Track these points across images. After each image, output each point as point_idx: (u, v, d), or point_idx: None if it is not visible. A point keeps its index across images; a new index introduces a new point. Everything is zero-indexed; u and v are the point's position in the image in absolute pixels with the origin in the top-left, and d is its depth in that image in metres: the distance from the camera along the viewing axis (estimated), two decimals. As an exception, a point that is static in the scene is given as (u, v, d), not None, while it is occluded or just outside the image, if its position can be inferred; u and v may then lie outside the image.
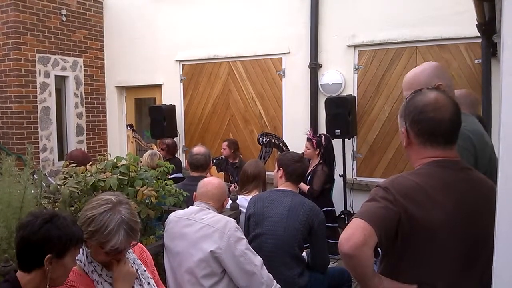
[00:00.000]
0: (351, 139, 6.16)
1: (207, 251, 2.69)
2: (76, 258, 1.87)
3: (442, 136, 1.66)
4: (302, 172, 3.52)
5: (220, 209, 3.07)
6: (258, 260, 2.80)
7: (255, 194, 3.74)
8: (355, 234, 1.51)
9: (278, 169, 3.49)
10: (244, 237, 2.83)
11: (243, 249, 2.73)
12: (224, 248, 2.69)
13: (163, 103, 7.52)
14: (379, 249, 1.69)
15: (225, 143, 6.41)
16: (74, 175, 2.98)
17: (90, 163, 3.29)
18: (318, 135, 5.66)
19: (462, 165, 1.72)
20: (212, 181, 3.12)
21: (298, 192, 3.53)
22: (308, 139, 5.46)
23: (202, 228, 2.79)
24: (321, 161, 5.38)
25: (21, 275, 1.76)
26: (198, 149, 4.08)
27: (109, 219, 1.92)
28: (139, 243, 2.33)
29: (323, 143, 5.41)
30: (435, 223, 1.58)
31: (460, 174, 1.68)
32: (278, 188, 3.49)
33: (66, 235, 1.74)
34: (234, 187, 5.13)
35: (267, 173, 4.32)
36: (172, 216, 2.99)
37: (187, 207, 3.29)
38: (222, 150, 6.38)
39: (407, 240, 1.59)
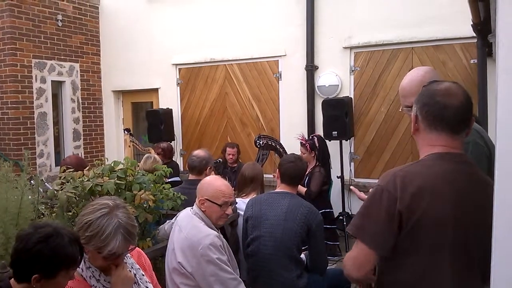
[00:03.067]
0: (348, 140, 6.17)
1: (177, 261, 2.66)
2: None
3: (446, 122, 1.66)
4: (294, 172, 3.41)
5: (205, 204, 2.81)
6: (231, 280, 2.66)
7: (253, 196, 3.74)
8: (364, 266, 1.64)
9: (278, 170, 3.50)
10: (218, 255, 2.64)
11: (214, 270, 2.60)
12: (196, 266, 2.62)
13: (160, 107, 7.52)
14: None
15: (234, 149, 6.27)
16: (71, 180, 2.98)
17: (87, 167, 3.28)
18: (310, 137, 5.67)
19: (465, 158, 1.71)
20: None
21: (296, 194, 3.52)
22: (301, 144, 5.47)
23: (181, 239, 2.72)
24: (318, 163, 5.39)
25: (13, 283, 1.76)
26: (197, 152, 4.07)
27: (106, 224, 1.91)
28: (137, 248, 2.33)
29: (317, 145, 5.43)
30: (432, 215, 1.59)
31: (466, 168, 1.67)
32: (275, 190, 3.49)
33: (58, 258, 1.72)
34: None
35: (265, 175, 4.32)
36: (175, 217, 2.97)
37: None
38: (230, 156, 6.28)
39: (406, 232, 1.61)
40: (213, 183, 2.89)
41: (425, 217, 1.59)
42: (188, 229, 2.73)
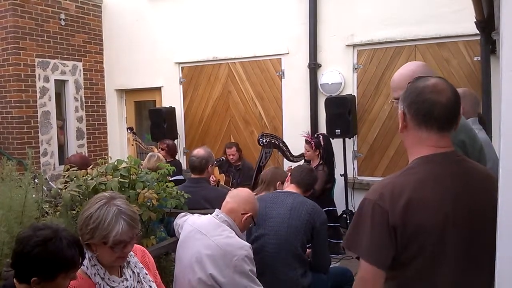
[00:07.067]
0: (352, 138, 6.16)
1: (207, 273, 2.55)
2: None
3: (436, 119, 1.61)
4: (305, 177, 3.51)
5: (247, 219, 2.82)
6: None
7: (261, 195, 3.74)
8: (373, 284, 1.58)
9: (290, 174, 3.62)
10: (251, 267, 2.62)
11: (247, 282, 2.56)
12: (228, 277, 2.54)
13: (163, 106, 7.54)
14: None
15: (233, 149, 6.25)
16: (75, 178, 2.99)
17: (91, 166, 3.29)
18: (316, 135, 5.66)
19: (456, 157, 1.67)
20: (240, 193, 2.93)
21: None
22: (307, 141, 5.46)
23: (210, 246, 2.60)
24: (321, 162, 5.38)
25: (16, 282, 1.77)
26: (197, 151, 4.06)
27: (106, 212, 1.95)
28: (141, 246, 2.33)
29: (322, 143, 5.42)
30: (426, 225, 1.55)
31: (454, 167, 1.63)
32: (281, 190, 3.51)
33: (57, 261, 1.71)
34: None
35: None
36: (188, 224, 2.83)
37: (188, 209, 3.28)
38: (231, 157, 6.26)
39: (403, 244, 1.57)
40: (258, 202, 2.95)
41: (420, 227, 1.55)
42: (218, 237, 2.63)
